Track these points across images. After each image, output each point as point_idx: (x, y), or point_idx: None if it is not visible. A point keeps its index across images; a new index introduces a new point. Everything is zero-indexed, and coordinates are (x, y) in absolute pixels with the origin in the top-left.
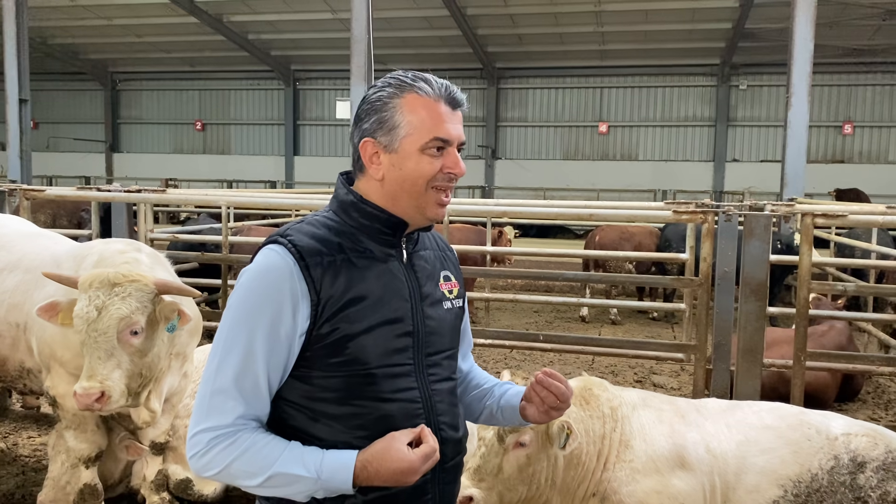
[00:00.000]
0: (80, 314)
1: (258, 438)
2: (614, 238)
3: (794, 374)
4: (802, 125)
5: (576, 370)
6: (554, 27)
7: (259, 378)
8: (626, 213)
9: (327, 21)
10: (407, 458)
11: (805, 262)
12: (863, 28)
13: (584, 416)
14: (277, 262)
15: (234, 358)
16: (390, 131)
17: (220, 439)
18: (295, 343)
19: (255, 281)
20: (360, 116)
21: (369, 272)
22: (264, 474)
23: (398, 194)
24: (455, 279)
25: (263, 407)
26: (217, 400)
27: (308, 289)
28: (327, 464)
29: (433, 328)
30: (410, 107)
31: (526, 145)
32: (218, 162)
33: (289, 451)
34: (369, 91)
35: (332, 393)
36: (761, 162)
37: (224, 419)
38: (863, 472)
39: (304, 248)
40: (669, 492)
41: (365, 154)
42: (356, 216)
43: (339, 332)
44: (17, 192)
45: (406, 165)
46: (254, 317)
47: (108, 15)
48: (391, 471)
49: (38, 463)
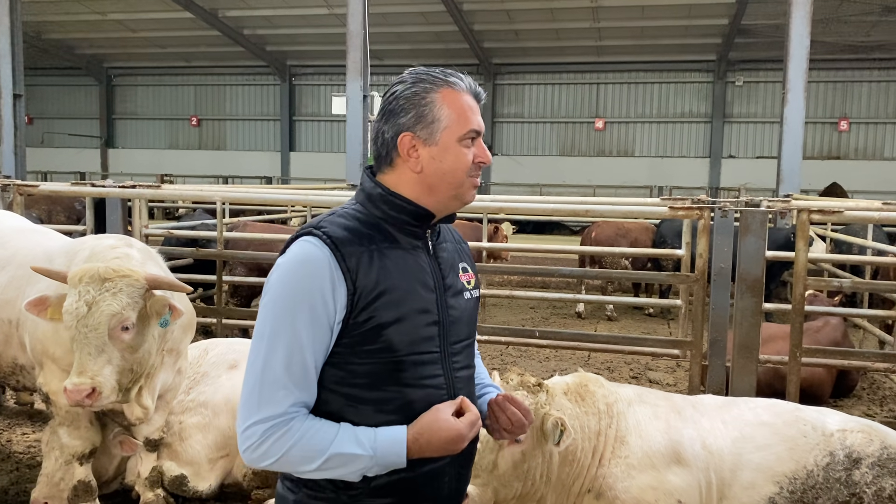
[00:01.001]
0: (69, 309)
1: (311, 424)
2: (610, 234)
3: (790, 371)
4: (798, 121)
5: (572, 366)
6: (550, 23)
7: (308, 364)
8: (622, 209)
9: (323, 16)
10: (455, 426)
11: (801, 259)
12: (859, 24)
13: (579, 412)
14: (315, 252)
15: (281, 347)
16: (430, 124)
17: (275, 429)
18: (334, 329)
19: (294, 271)
20: (393, 111)
21: (399, 263)
22: (322, 457)
23: (438, 185)
24: (471, 270)
25: (312, 393)
26: (268, 390)
27: (345, 278)
28: (381, 440)
29: (455, 318)
30: (448, 100)
31: (522, 141)
32: (213, 157)
33: (343, 432)
34: (397, 87)
35: (363, 379)
36: (757, 158)
37: (277, 408)
38: (858, 469)
39: (338, 238)
40: (665, 487)
41: (403, 148)
42: (385, 208)
43: (374, 320)
44: (10, 188)
45: (446, 157)
46: (296, 305)
47: (103, 10)
48: (442, 440)
49: (32, 459)
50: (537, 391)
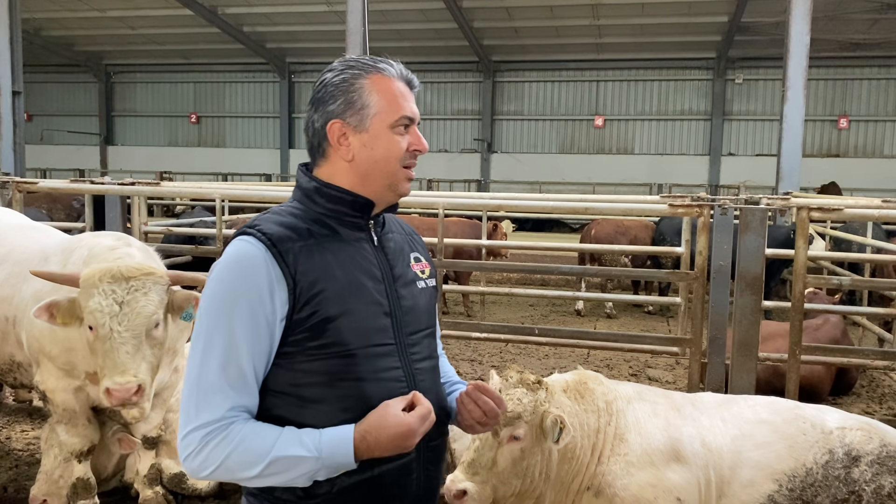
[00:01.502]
0: (101, 309)
1: (252, 427)
2: (610, 232)
3: (789, 368)
4: (798, 119)
5: (571, 364)
6: (550, 20)
7: (245, 368)
8: (621, 206)
9: (323, 13)
10: (405, 420)
11: (801, 256)
12: (859, 22)
13: (578, 409)
14: (250, 250)
15: (216, 350)
16: (360, 111)
17: (213, 434)
18: (276, 329)
19: (229, 271)
20: (322, 99)
21: (341, 255)
22: (264, 461)
23: (370, 174)
24: (425, 260)
25: (252, 397)
26: (205, 396)
27: (283, 274)
28: (326, 440)
29: (409, 307)
30: (378, 86)
31: (522, 139)
32: (213, 155)
33: (286, 435)
34: (326, 75)
35: (317, 377)
36: (757, 156)
37: (214, 414)
38: (857, 466)
39: (274, 235)
40: (664, 485)
41: (332, 136)
42: (322, 201)
43: (318, 314)
44: (9, 185)
45: (378, 144)
46: (232, 307)
47: (102, 6)
48: (390, 436)
49: (31, 457)
50: (537, 389)
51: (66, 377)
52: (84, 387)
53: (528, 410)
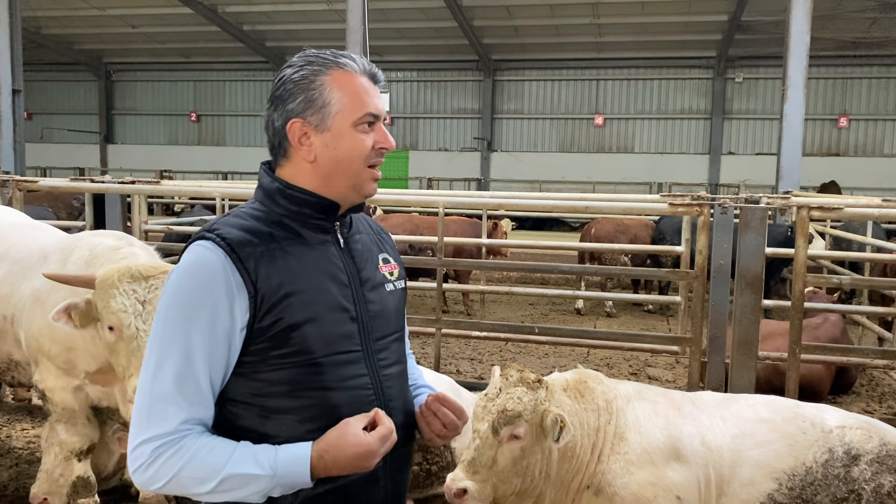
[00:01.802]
0: (125, 309)
1: (205, 442)
2: (610, 230)
3: (789, 367)
4: (798, 118)
5: (571, 363)
6: (550, 19)
7: (200, 379)
8: (621, 205)
9: (322, 12)
10: (364, 441)
11: (800, 255)
12: (859, 21)
13: (578, 408)
14: (208, 256)
15: (172, 361)
16: (321, 109)
17: (165, 448)
18: (236, 339)
19: (186, 278)
20: (281, 97)
21: (305, 259)
22: (216, 478)
23: (333, 174)
24: (394, 261)
25: (207, 409)
26: (158, 407)
27: (244, 281)
28: (282, 458)
29: (376, 312)
30: (339, 83)
31: (522, 138)
32: (213, 153)
33: (240, 451)
34: (286, 71)
35: (280, 386)
36: (757, 155)
37: (166, 426)
38: (857, 465)
39: (234, 239)
40: (664, 483)
41: (293, 135)
42: (284, 203)
43: (281, 322)
44: (9, 183)
45: (340, 144)
46: (189, 316)
47: (102, 5)
48: (349, 456)
49: (31, 455)
50: (537, 388)
51: (65, 376)
52: (83, 386)
53: (529, 409)
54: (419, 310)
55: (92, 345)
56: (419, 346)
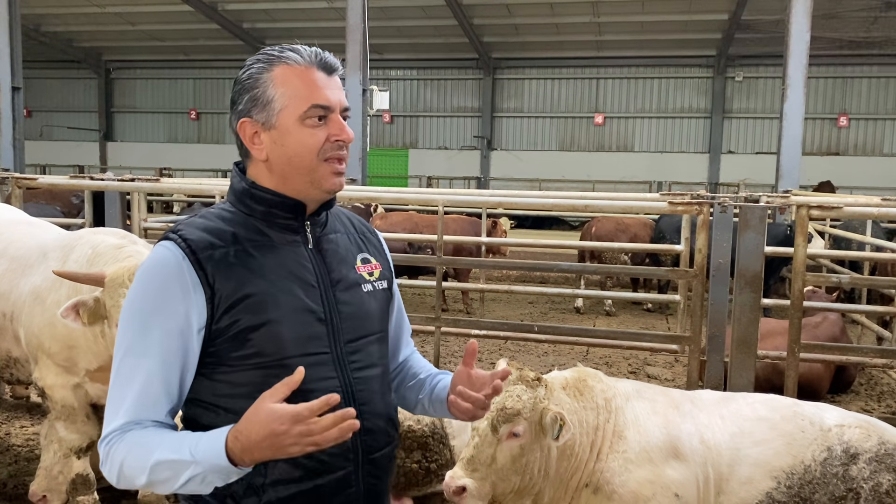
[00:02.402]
0: None
1: (144, 434)
2: (610, 229)
3: (788, 366)
4: (798, 117)
5: (570, 361)
6: (550, 17)
7: (153, 379)
8: (621, 204)
9: (322, 10)
10: (273, 415)
11: (800, 254)
12: (859, 20)
13: (577, 407)
14: (167, 257)
15: (129, 359)
16: (265, 107)
17: (112, 443)
18: (193, 339)
19: (145, 279)
20: (233, 99)
21: (269, 261)
22: (148, 466)
23: (287, 173)
24: (376, 261)
25: (160, 408)
26: (113, 406)
27: (201, 282)
28: (203, 443)
29: (350, 313)
30: (282, 78)
31: (522, 136)
32: (212, 151)
33: (169, 440)
34: (240, 72)
35: (241, 388)
36: (756, 154)
37: (115, 423)
38: (855, 464)
39: (194, 241)
40: (663, 481)
41: (245, 135)
42: (250, 203)
43: (239, 324)
44: (9, 181)
45: (288, 141)
46: (145, 317)
47: (102, 2)
48: (260, 435)
49: (30, 452)
50: (536, 386)
51: (65, 374)
52: (83, 384)
53: (528, 407)
54: (419, 308)
55: (93, 343)
56: (419, 345)
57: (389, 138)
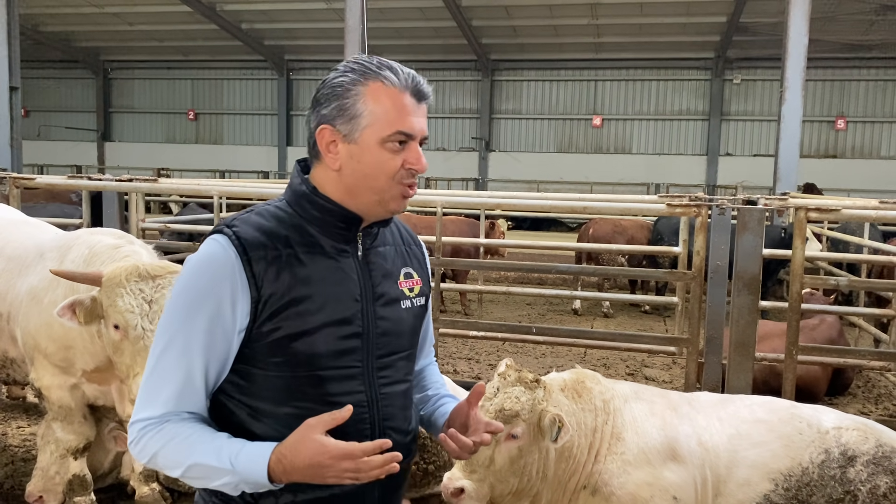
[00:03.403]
0: (131, 309)
1: (184, 428)
2: (607, 231)
3: (786, 368)
4: (796, 120)
5: (568, 363)
6: (549, 19)
7: (195, 371)
8: (619, 206)
9: (321, 11)
10: (322, 449)
11: (798, 257)
12: (857, 23)
13: (576, 409)
14: (219, 253)
15: (172, 349)
16: (351, 120)
17: (148, 429)
18: (234, 339)
19: (195, 272)
20: (318, 100)
21: (317, 269)
22: (184, 464)
23: (357, 188)
24: (418, 276)
25: (198, 402)
26: (152, 391)
27: (248, 284)
28: (244, 456)
29: (386, 329)
30: (374, 96)
31: (520, 138)
32: (210, 152)
33: (209, 443)
34: (331, 74)
35: (272, 392)
36: (754, 156)
37: (155, 410)
38: (853, 466)
39: (248, 240)
40: (661, 484)
41: (322, 141)
42: (308, 207)
43: (280, 331)
44: (6, 181)
45: (365, 158)
46: (192, 309)
47: (100, 3)
48: (305, 464)
49: (27, 453)
50: (535, 387)
51: (62, 374)
52: (80, 384)
53: (526, 409)
54: None
55: (90, 343)
56: None
57: None
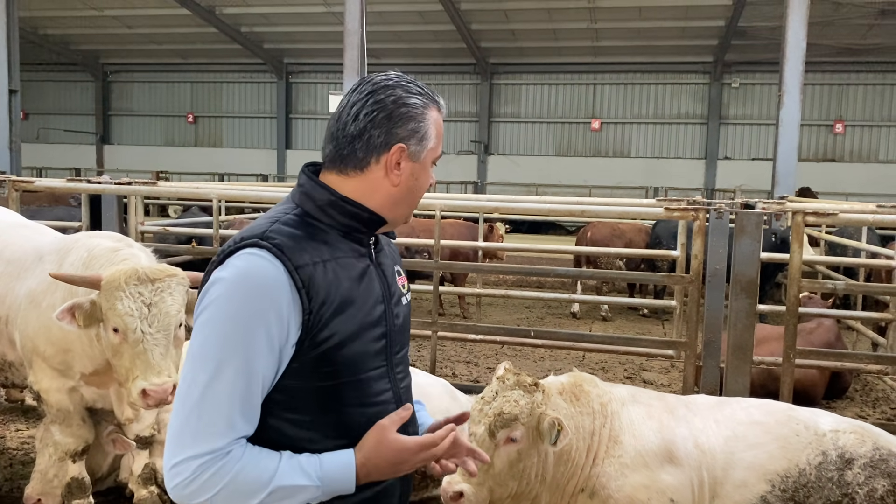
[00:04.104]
0: (130, 312)
1: (249, 456)
2: (606, 235)
3: (784, 372)
4: (794, 123)
5: (566, 366)
6: (547, 23)
7: (255, 394)
8: (617, 209)
9: (320, 14)
10: (404, 447)
11: (795, 260)
12: (855, 27)
13: (574, 412)
14: (267, 268)
15: (227, 374)
16: (421, 141)
17: (210, 464)
18: (286, 353)
19: (245, 289)
20: (391, 117)
21: (350, 275)
22: (265, 491)
23: (403, 201)
24: (403, 273)
25: (255, 424)
26: (208, 422)
27: (300, 296)
28: (327, 468)
29: (399, 326)
30: (436, 121)
31: (519, 141)
32: (209, 155)
33: (285, 463)
34: (397, 92)
35: (316, 402)
36: (753, 160)
37: (217, 443)
38: (850, 469)
39: (291, 250)
40: (658, 486)
41: (392, 158)
42: (334, 213)
43: (334, 338)
44: (6, 183)
45: (422, 177)
46: (249, 328)
47: (100, 5)
48: (389, 462)
49: (25, 456)
50: (533, 391)
51: (60, 377)
52: (78, 387)
53: (525, 413)
54: (415, 312)
55: (89, 346)
56: (415, 349)
57: None
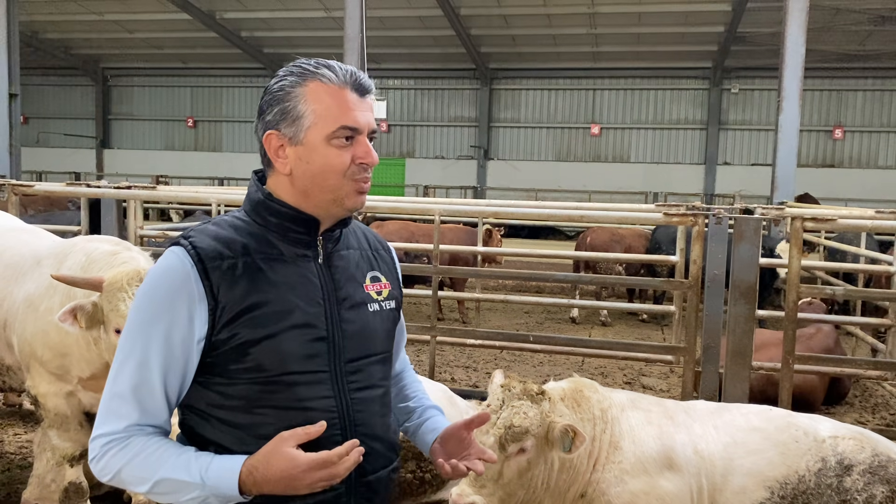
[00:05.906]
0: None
1: (150, 443)
2: (605, 240)
3: (783, 377)
4: (793, 129)
5: (565, 371)
6: (547, 28)
7: (154, 385)
8: (617, 214)
9: (320, 19)
10: (293, 461)
11: (794, 266)
12: (854, 33)
13: (575, 418)
14: (176, 264)
15: (130, 363)
16: (294, 122)
17: (112, 444)
18: (194, 349)
19: (153, 285)
20: (262, 108)
21: (276, 275)
22: (151, 480)
23: (310, 189)
24: (386, 280)
25: (160, 414)
26: (113, 405)
27: (205, 293)
28: (214, 469)
29: (352, 332)
30: (314, 95)
31: (518, 146)
32: (209, 159)
33: (177, 457)
34: (272, 81)
35: (236, 401)
36: (752, 165)
37: (118, 425)
38: (849, 475)
39: (204, 249)
40: (657, 492)
41: (270, 148)
42: (265, 214)
43: (238, 337)
44: (5, 187)
45: (313, 158)
46: (150, 322)
47: (100, 10)
48: (277, 476)
49: (23, 460)
50: (541, 400)
51: (57, 382)
52: (76, 391)
53: (536, 423)
54: (414, 317)
55: (86, 350)
56: (414, 354)
57: (386, 147)
